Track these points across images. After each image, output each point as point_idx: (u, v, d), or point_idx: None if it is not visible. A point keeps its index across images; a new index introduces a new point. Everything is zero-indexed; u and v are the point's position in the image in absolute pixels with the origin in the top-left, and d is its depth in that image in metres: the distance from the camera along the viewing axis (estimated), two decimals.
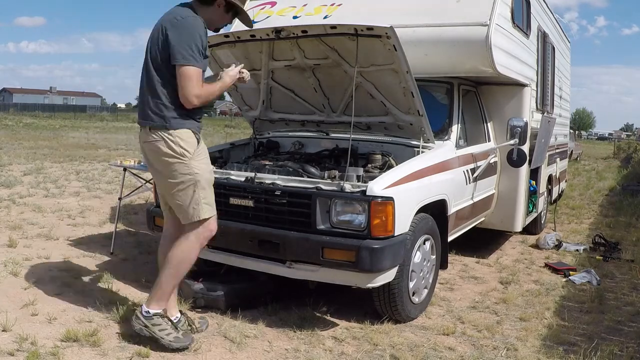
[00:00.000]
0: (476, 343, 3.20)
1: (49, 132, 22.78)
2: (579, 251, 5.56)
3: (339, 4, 4.68)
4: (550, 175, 6.75)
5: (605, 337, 3.38)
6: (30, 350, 2.76)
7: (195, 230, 2.91)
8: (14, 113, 42.77)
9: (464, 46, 4.18)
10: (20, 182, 8.22)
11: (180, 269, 2.94)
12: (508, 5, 4.60)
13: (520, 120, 4.43)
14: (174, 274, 2.94)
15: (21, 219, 5.76)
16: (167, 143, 2.81)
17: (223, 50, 3.99)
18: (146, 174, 5.06)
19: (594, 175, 14.98)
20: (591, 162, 21.91)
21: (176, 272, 2.94)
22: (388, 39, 3.24)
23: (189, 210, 2.87)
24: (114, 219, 5.37)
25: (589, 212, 8.34)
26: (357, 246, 3.00)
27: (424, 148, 3.80)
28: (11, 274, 3.95)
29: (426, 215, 3.51)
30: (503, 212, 5.11)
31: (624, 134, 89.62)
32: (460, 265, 4.89)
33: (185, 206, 2.86)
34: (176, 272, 2.94)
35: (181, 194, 2.86)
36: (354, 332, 3.26)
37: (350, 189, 3.10)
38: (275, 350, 2.97)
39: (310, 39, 3.57)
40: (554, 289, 4.31)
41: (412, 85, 3.49)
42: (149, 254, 4.76)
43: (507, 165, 4.76)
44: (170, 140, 2.81)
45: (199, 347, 2.93)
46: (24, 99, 64.35)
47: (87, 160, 12.07)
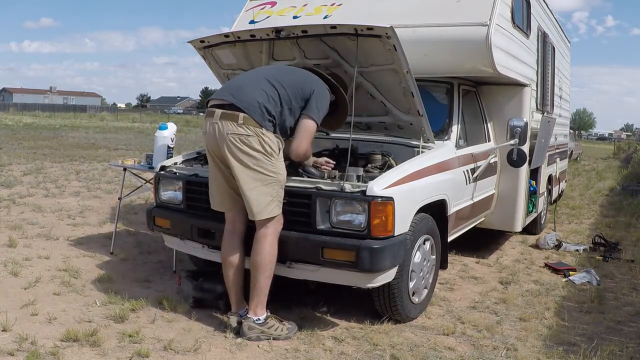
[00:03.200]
0: (476, 343, 3.20)
1: (49, 132, 22.78)
2: (579, 251, 5.56)
3: (339, 4, 4.68)
4: (550, 176, 6.76)
5: (605, 337, 3.38)
6: (30, 350, 2.76)
7: (270, 226, 3.04)
8: (14, 113, 42.77)
9: (464, 46, 4.18)
10: (20, 182, 8.22)
11: (272, 267, 3.08)
12: (508, 5, 4.60)
13: (520, 121, 4.43)
14: (268, 276, 3.07)
15: (21, 219, 5.76)
16: (260, 140, 2.97)
17: (223, 50, 3.99)
18: (146, 174, 5.07)
19: (594, 175, 14.98)
20: (591, 162, 21.92)
21: (270, 272, 3.07)
22: (388, 39, 3.24)
23: (269, 205, 3.00)
24: (114, 219, 5.37)
25: (589, 212, 8.34)
26: (357, 246, 2.99)
27: (424, 148, 3.80)
28: (11, 274, 3.95)
29: (426, 215, 3.51)
30: (503, 212, 5.11)
31: (624, 134, 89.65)
32: (460, 265, 4.89)
33: (266, 202, 2.99)
34: (270, 272, 3.07)
35: (264, 188, 2.99)
36: (354, 332, 3.26)
37: (350, 189, 3.10)
38: (275, 351, 2.97)
39: (311, 39, 3.57)
40: (554, 289, 4.31)
41: (412, 85, 3.49)
42: (149, 254, 4.77)
43: (507, 165, 4.76)
44: (262, 138, 2.98)
45: (199, 347, 2.93)
46: (24, 99, 64.44)
47: (87, 160, 12.07)
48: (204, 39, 3.96)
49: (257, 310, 3.08)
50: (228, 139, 2.98)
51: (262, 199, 2.99)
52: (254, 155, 2.97)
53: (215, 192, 3.23)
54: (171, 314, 3.38)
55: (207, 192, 3.53)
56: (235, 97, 3.05)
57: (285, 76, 3.19)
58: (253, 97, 3.03)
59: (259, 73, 3.27)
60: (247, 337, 3.04)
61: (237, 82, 3.23)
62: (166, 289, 3.85)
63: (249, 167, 2.97)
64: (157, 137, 4.51)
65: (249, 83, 3.14)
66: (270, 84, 3.10)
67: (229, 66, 4.16)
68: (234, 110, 3.00)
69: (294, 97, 3.12)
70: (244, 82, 3.18)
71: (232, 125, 2.97)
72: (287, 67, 3.39)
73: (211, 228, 3.46)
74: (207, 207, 3.53)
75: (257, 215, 3.01)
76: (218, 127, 3.01)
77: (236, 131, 2.96)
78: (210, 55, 4.09)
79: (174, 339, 3.00)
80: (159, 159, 4.34)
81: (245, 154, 2.96)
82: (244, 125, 2.97)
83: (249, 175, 2.98)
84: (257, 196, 2.99)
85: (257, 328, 3.05)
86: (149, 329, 3.15)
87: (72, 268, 4.14)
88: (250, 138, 2.96)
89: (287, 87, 3.12)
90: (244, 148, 2.96)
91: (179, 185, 3.69)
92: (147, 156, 4.71)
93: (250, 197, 3.00)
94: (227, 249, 3.20)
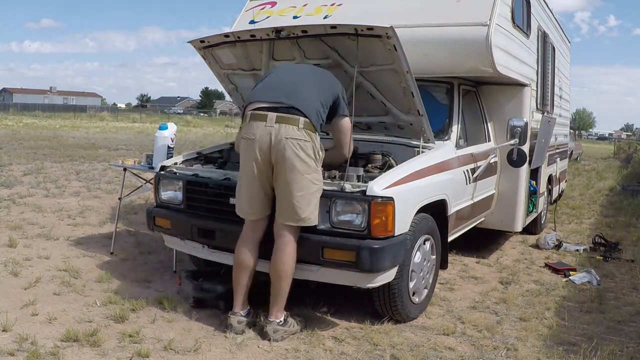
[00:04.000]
0: (476, 343, 3.20)
1: (49, 132, 22.77)
2: (579, 251, 5.56)
3: (339, 4, 4.68)
4: (550, 175, 6.75)
5: (605, 337, 3.38)
6: (30, 350, 2.76)
7: (294, 234, 3.03)
8: (14, 113, 42.76)
9: (464, 46, 4.18)
10: (20, 182, 8.22)
11: (293, 273, 3.08)
12: (508, 5, 4.60)
13: (521, 120, 4.43)
14: (289, 282, 3.09)
15: (21, 219, 5.76)
16: (313, 146, 2.97)
17: (223, 50, 3.99)
18: (146, 174, 5.07)
19: (594, 175, 14.98)
20: (591, 162, 21.92)
21: (291, 278, 3.09)
22: (388, 39, 3.24)
23: (312, 213, 3.00)
24: (114, 219, 5.37)
25: (589, 212, 8.34)
26: (357, 246, 3.00)
27: (424, 148, 3.80)
28: (11, 274, 3.95)
29: (426, 215, 3.51)
30: (503, 212, 5.11)
31: (624, 134, 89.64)
32: (460, 265, 4.89)
33: (310, 210, 2.98)
34: (291, 278, 3.09)
35: (310, 196, 2.97)
36: (354, 332, 3.26)
37: (351, 189, 3.10)
38: (275, 351, 2.97)
39: (311, 39, 3.57)
40: (554, 289, 4.31)
41: (412, 85, 3.49)
42: (149, 254, 4.77)
43: (507, 165, 4.76)
44: (315, 144, 2.99)
45: (199, 347, 2.93)
46: (24, 99, 64.38)
47: (87, 160, 12.07)
48: (204, 39, 3.96)
49: (278, 314, 3.10)
50: (287, 143, 2.90)
51: (307, 206, 2.97)
52: (307, 162, 2.94)
53: (245, 198, 3.12)
54: (171, 314, 3.38)
55: (207, 192, 3.54)
56: (292, 100, 2.98)
57: (320, 77, 3.19)
58: (311, 101, 3.00)
59: (299, 76, 3.18)
60: (274, 339, 3.04)
61: (285, 82, 3.12)
62: (166, 289, 3.85)
63: (301, 173, 2.93)
64: (157, 137, 4.51)
65: (301, 84, 3.09)
66: (317, 86, 3.10)
67: (229, 66, 4.16)
68: (291, 113, 2.94)
69: (330, 99, 3.14)
70: (293, 83, 3.10)
71: (292, 130, 2.90)
72: (314, 67, 3.35)
73: (211, 228, 3.46)
74: (207, 207, 3.54)
75: (301, 222, 2.98)
76: (275, 131, 2.91)
77: (296, 136, 2.90)
78: (210, 55, 4.09)
79: (174, 339, 3.00)
80: (159, 159, 4.34)
81: (301, 160, 2.92)
82: (304, 130, 2.92)
83: (299, 182, 2.94)
84: (304, 203, 2.96)
85: (281, 329, 3.07)
86: (149, 329, 3.15)
87: (72, 268, 4.14)
88: (307, 144, 2.93)
89: (326, 88, 3.13)
90: (300, 154, 2.91)
91: (179, 185, 3.69)
92: (147, 156, 4.71)
93: (297, 204, 2.95)
94: (243, 254, 3.14)
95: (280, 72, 3.26)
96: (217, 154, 4.22)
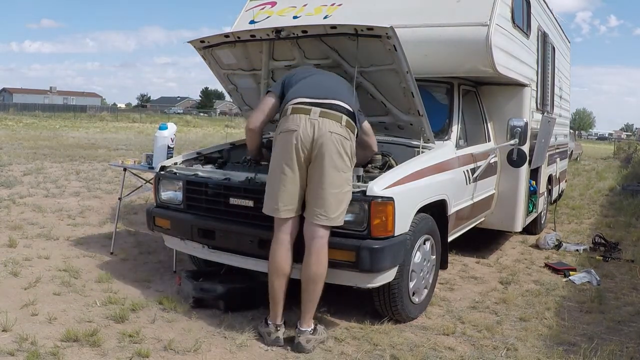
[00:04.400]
0: (476, 343, 3.20)
1: (49, 132, 22.78)
2: (579, 251, 5.56)
3: (339, 4, 4.68)
4: (550, 176, 6.75)
5: (605, 337, 3.38)
6: (30, 350, 2.76)
7: (327, 235, 2.98)
8: (14, 113, 42.75)
9: (464, 46, 4.18)
10: (20, 182, 8.22)
11: (324, 278, 3.01)
12: (508, 6, 4.60)
13: (520, 121, 4.43)
14: (322, 286, 3.03)
15: (21, 219, 5.76)
16: (351, 145, 3.00)
17: (223, 51, 3.99)
18: (146, 174, 5.07)
19: (594, 175, 14.98)
20: (591, 162, 21.91)
21: (323, 283, 3.03)
22: (388, 39, 3.24)
23: (343, 213, 2.98)
24: (114, 219, 5.37)
25: (589, 212, 8.34)
26: (357, 246, 3.00)
27: (424, 148, 3.80)
28: (11, 274, 3.95)
29: (426, 215, 3.51)
30: (503, 212, 5.11)
31: (624, 134, 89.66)
32: (460, 265, 4.89)
33: (341, 208, 2.96)
34: (323, 283, 3.03)
35: (342, 196, 2.96)
36: (354, 332, 3.26)
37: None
38: (276, 351, 2.97)
39: (311, 39, 3.57)
40: (554, 289, 4.31)
41: (412, 85, 3.49)
42: (149, 254, 4.77)
43: (507, 165, 4.76)
44: (353, 144, 3.02)
45: (199, 347, 2.93)
46: (24, 99, 64.37)
47: (87, 160, 12.07)
48: (204, 39, 3.96)
49: (310, 322, 3.05)
50: (329, 137, 2.91)
51: (339, 205, 2.94)
52: (345, 160, 2.95)
53: (285, 196, 2.99)
54: (171, 314, 3.38)
55: (207, 192, 3.54)
56: (335, 98, 3.03)
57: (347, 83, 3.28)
58: (350, 102, 3.06)
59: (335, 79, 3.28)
60: (308, 350, 2.96)
61: (325, 84, 3.16)
62: (166, 289, 3.85)
63: (338, 170, 2.93)
64: (157, 137, 4.51)
65: (339, 86, 3.16)
66: (349, 91, 3.18)
67: (229, 66, 4.16)
68: (335, 110, 2.98)
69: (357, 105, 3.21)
70: (333, 85, 3.16)
71: (335, 125, 2.93)
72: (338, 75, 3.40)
73: (211, 228, 3.46)
74: (207, 207, 3.54)
75: (331, 221, 2.93)
76: (318, 124, 2.92)
77: (339, 131, 2.93)
78: (210, 55, 4.09)
79: (174, 339, 3.00)
80: (159, 159, 4.34)
81: (340, 157, 2.93)
82: (346, 128, 2.96)
83: (335, 179, 2.92)
84: (337, 202, 2.93)
85: (313, 338, 3.01)
86: (149, 329, 3.15)
87: (72, 268, 4.14)
88: (347, 142, 2.96)
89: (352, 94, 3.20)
90: (340, 150, 2.93)
91: (179, 185, 3.69)
92: (147, 156, 4.71)
93: (330, 202, 2.92)
94: (282, 259, 3.02)
95: (320, 75, 3.29)
96: (217, 154, 4.22)
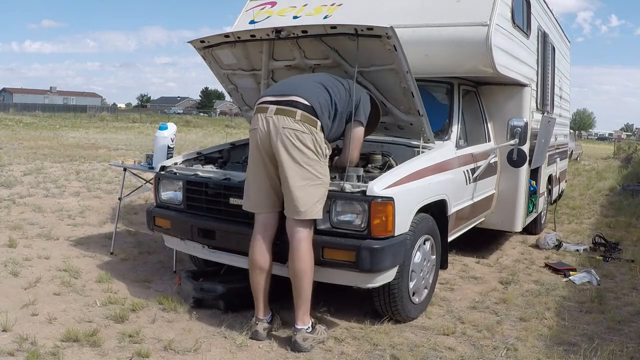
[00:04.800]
0: (476, 343, 3.20)
1: (49, 132, 22.78)
2: (579, 251, 5.56)
3: (339, 4, 4.68)
4: (550, 176, 6.75)
5: (605, 337, 3.38)
6: (30, 350, 2.76)
7: (308, 229, 3.00)
8: (14, 113, 42.76)
9: (464, 46, 4.18)
10: (20, 182, 8.22)
11: (313, 271, 3.02)
12: (508, 5, 4.60)
13: (521, 120, 4.43)
14: (311, 280, 3.03)
15: (21, 219, 5.76)
16: (314, 139, 2.96)
17: (223, 51, 3.98)
18: (146, 174, 5.07)
19: (594, 175, 14.98)
20: (591, 162, 21.91)
21: (312, 277, 3.03)
22: (388, 39, 3.24)
23: (315, 205, 2.96)
24: (114, 219, 5.37)
25: (589, 212, 8.34)
26: (357, 246, 3.00)
27: (424, 148, 3.80)
28: (11, 274, 3.95)
29: (426, 215, 3.51)
30: (503, 212, 5.11)
31: (624, 134, 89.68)
32: (460, 265, 4.89)
33: (312, 202, 2.95)
34: (312, 277, 3.03)
35: (312, 189, 2.95)
36: (354, 332, 3.26)
37: (351, 189, 3.10)
38: (276, 351, 2.97)
39: (311, 39, 3.57)
40: (554, 289, 4.31)
41: (412, 85, 3.49)
42: (149, 254, 4.77)
43: (507, 165, 4.76)
44: (316, 137, 2.96)
45: (199, 347, 2.93)
46: (24, 99, 64.43)
47: (87, 160, 12.07)
48: (204, 39, 3.96)
49: (305, 319, 3.03)
50: (283, 133, 2.92)
51: (309, 198, 2.94)
52: (307, 153, 2.93)
53: (253, 192, 3.11)
54: (171, 314, 3.38)
55: (207, 192, 3.54)
56: (295, 93, 3.04)
57: (333, 84, 3.20)
58: (312, 96, 3.04)
59: (309, 78, 3.29)
60: (305, 349, 2.96)
61: (291, 82, 3.22)
62: (166, 289, 3.86)
63: (300, 164, 2.92)
64: (157, 137, 4.51)
65: (305, 84, 3.15)
66: (325, 88, 3.12)
67: (229, 66, 4.16)
68: (291, 106, 2.98)
69: (343, 105, 3.16)
70: (298, 82, 3.18)
71: (288, 121, 2.94)
72: (332, 75, 3.35)
73: (211, 228, 3.46)
74: (207, 207, 3.54)
75: (302, 214, 2.94)
76: (273, 121, 2.96)
77: (292, 126, 2.93)
78: (210, 55, 4.09)
79: (174, 339, 3.00)
80: (159, 159, 4.35)
81: (299, 151, 2.92)
82: (301, 122, 2.94)
83: (298, 173, 2.93)
84: (305, 195, 2.93)
85: (310, 337, 3.00)
86: (149, 329, 3.15)
87: (72, 268, 4.14)
88: (305, 135, 2.93)
89: (337, 94, 3.15)
90: (298, 144, 2.92)
91: (179, 185, 3.69)
92: (147, 156, 4.71)
93: (297, 195, 2.93)
94: (258, 253, 3.09)
95: (293, 77, 3.39)
96: (217, 154, 4.22)
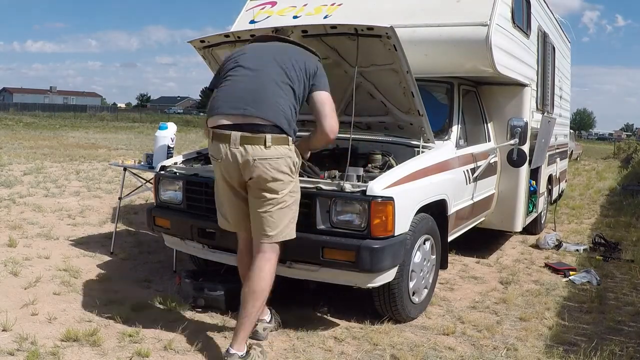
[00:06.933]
0: (476, 343, 3.20)
1: (49, 132, 22.78)
2: (579, 251, 5.56)
3: (339, 4, 4.68)
4: (550, 175, 6.75)
5: (605, 337, 3.38)
6: (30, 350, 2.76)
7: (275, 250, 2.81)
8: (14, 113, 42.76)
9: (464, 46, 4.18)
10: (20, 182, 8.22)
11: (266, 294, 2.79)
12: (508, 5, 4.60)
13: (521, 120, 4.43)
14: (261, 304, 2.80)
15: (21, 219, 5.76)
16: (287, 161, 2.69)
17: (223, 50, 3.98)
18: (146, 173, 5.07)
19: (594, 175, 14.98)
20: (591, 162, 21.92)
21: (264, 300, 2.80)
22: (388, 38, 3.24)
23: (287, 227, 2.77)
24: (114, 219, 5.38)
25: (589, 212, 8.34)
26: (357, 246, 2.99)
27: (424, 148, 3.80)
28: (11, 274, 3.95)
29: (426, 215, 3.51)
30: (503, 212, 5.11)
31: (624, 134, 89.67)
32: (460, 265, 4.89)
33: (284, 224, 2.75)
34: (264, 300, 2.80)
35: (282, 212, 2.74)
36: (354, 332, 3.26)
37: (350, 189, 3.09)
38: (275, 350, 2.97)
39: (310, 39, 3.56)
40: (554, 289, 4.31)
41: (412, 85, 3.49)
42: (149, 254, 4.77)
43: (507, 165, 4.76)
44: (289, 158, 2.70)
45: (199, 347, 2.93)
46: (24, 99, 64.39)
47: (87, 160, 12.07)
48: (204, 39, 3.96)
49: (243, 344, 2.73)
50: (254, 165, 2.65)
51: (280, 221, 2.75)
52: (282, 179, 2.69)
53: (229, 214, 2.92)
54: (171, 314, 3.38)
55: (207, 192, 3.53)
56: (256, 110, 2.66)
57: (287, 61, 2.77)
58: (277, 111, 2.67)
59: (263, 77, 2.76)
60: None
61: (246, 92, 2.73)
62: (166, 289, 3.85)
63: (274, 192, 2.71)
64: (157, 137, 4.51)
65: (262, 92, 2.71)
66: (282, 84, 2.72)
67: None
68: (256, 131, 2.64)
69: (304, 83, 2.78)
70: (254, 92, 2.72)
71: (258, 149, 2.63)
72: (281, 48, 2.90)
73: (211, 228, 3.45)
74: (207, 207, 3.53)
75: (273, 238, 2.76)
76: (240, 152, 2.65)
77: (265, 155, 2.64)
78: (210, 55, 4.08)
79: (174, 338, 3.00)
80: (159, 159, 4.34)
81: (274, 180, 2.68)
82: (273, 147, 2.64)
83: (270, 202, 2.72)
84: (276, 219, 2.74)
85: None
86: (149, 328, 3.14)
87: (72, 268, 4.14)
88: (279, 160, 2.66)
89: (295, 76, 2.75)
90: (272, 174, 2.67)
91: (179, 185, 3.69)
92: (147, 156, 4.71)
93: (267, 220, 2.73)
94: (242, 268, 3.01)
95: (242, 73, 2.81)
96: None
